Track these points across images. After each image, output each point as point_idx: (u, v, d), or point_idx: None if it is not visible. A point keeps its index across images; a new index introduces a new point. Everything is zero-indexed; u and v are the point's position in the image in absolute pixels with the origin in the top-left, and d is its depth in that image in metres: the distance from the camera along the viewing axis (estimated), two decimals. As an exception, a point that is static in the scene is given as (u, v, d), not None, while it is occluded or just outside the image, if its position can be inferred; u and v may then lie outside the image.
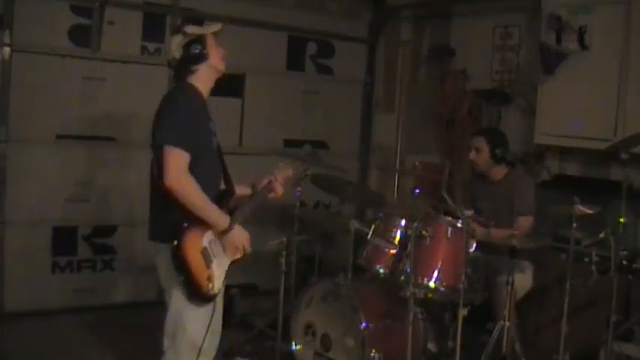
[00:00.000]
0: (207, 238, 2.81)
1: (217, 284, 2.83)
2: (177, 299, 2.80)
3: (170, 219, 2.75)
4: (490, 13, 5.46)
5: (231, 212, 2.89)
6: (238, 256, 2.94)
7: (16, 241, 4.77)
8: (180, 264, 2.71)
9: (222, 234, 2.82)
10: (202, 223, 2.77)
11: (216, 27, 2.99)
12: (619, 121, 4.38)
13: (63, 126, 4.89)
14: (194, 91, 2.87)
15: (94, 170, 5.03)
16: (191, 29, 2.92)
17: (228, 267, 2.92)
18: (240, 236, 2.87)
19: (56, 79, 4.81)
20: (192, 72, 2.89)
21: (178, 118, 2.75)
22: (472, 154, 4.21)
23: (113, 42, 4.95)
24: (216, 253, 2.84)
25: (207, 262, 2.79)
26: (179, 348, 2.83)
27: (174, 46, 2.91)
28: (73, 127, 4.93)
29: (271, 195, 3.15)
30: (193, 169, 2.73)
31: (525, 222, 3.98)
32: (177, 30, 2.97)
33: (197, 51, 2.87)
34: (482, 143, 4.17)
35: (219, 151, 2.97)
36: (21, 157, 4.75)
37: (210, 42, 2.93)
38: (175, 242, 2.70)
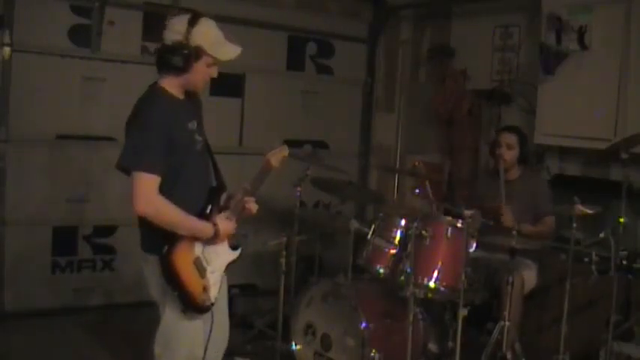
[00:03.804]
0: (199, 247, 2.71)
1: (213, 293, 2.74)
2: (170, 312, 2.70)
3: (156, 230, 2.61)
4: (490, 13, 5.45)
5: (221, 209, 2.84)
6: (231, 258, 2.87)
7: (16, 241, 4.77)
8: (172, 278, 2.61)
9: (211, 239, 2.73)
10: None
11: (230, 55, 2.67)
12: (619, 121, 4.38)
13: (63, 126, 4.89)
14: (163, 96, 2.66)
15: (94, 170, 5.02)
16: (196, 37, 2.58)
17: (225, 270, 2.86)
18: (227, 228, 2.77)
19: (56, 79, 4.80)
20: (167, 72, 2.66)
21: (145, 137, 2.55)
22: (502, 150, 4.18)
23: (113, 42, 4.95)
24: (210, 260, 2.75)
25: (201, 272, 2.70)
26: (175, 358, 2.75)
27: (171, 32, 2.60)
28: (73, 127, 4.93)
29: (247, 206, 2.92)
30: (177, 177, 2.63)
31: (551, 221, 4.06)
32: (190, 19, 2.59)
33: (179, 63, 2.59)
34: (514, 140, 4.19)
35: (207, 148, 2.85)
36: (21, 157, 4.74)
37: (205, 61, 2.64)
38: (163, 255, 2.60)
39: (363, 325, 3.57)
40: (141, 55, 5.12)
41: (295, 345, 3.93)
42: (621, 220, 3.60)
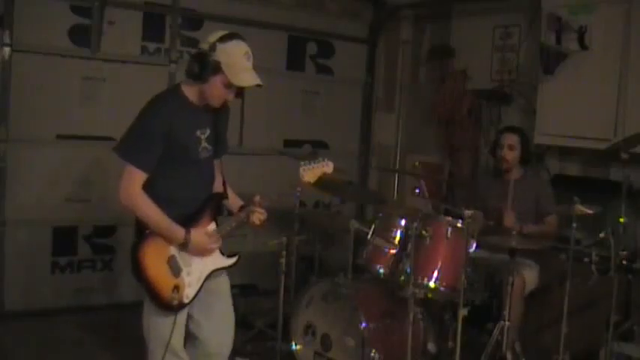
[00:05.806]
0: (176, 247, 2.76)
1: (188, 292, 2.77)
2: (146, 302, 2.80)
3: (136, 223, 2.76)
4: (490, 13, 5.46)
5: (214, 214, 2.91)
6: (219, 264, 2.89)
7: (16, 241, 4.77)
8: (137, 270, 2.68)
9: (181, 247, 2.77)
10: None
11: (244, 82, 2.71)
12: (619, 121, 4.38)
13: (63, 126, 4.89)
14: (177, 95, 2.74)
15: (94, 170, 5.02)
16: (219, 52, 2.64)
17: (210, 274, 2.87)
18: (200, 243, 2.79)
19: (56, 79, 4.80)
20: (188, 76, 2.73)
21: (144, 132, 2.67)
22: (504, 151, 4.16)
23: (113, 42, 4.95)
24: (189, 261, 2.79)
25: (175, 271, 2.75)
26: (153, 349, 2.84)
27: (204, 41, 2.69)
28: (73, 127, 4.92)
29: (255, 219, 2.99)
30: (170, 175, 2.73)
31: (554, 220, 4.06)
32: (224, 35, 2.69)
33: (195, 70, 2.67)
34: (516, 141, 4.17)
35: (213, 156, 2.93)
36: (21, 157, 4.74)
37: (221, 79, 2.67)
38: (132, 247, 2.70)
39: (363, 325, 3.57)
40: (141, 55, 5.12)
41: (295, 345, 3.93)
42: (621, 220, 3.60)
